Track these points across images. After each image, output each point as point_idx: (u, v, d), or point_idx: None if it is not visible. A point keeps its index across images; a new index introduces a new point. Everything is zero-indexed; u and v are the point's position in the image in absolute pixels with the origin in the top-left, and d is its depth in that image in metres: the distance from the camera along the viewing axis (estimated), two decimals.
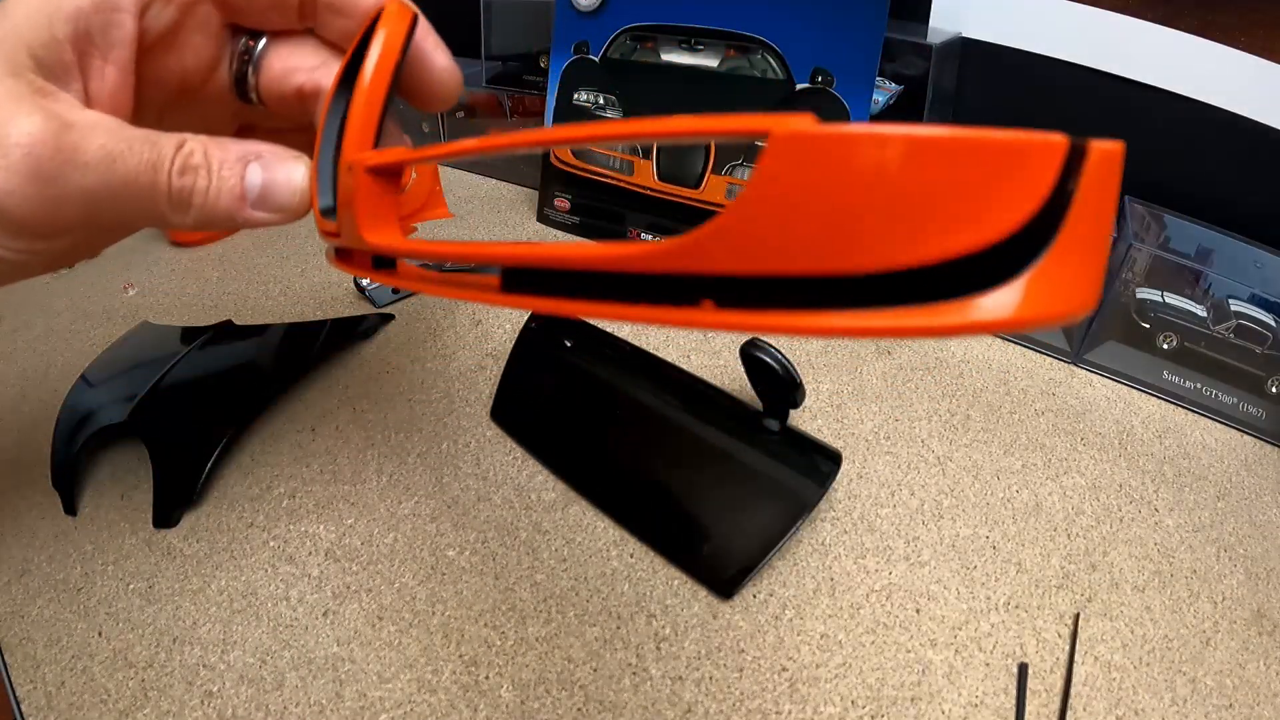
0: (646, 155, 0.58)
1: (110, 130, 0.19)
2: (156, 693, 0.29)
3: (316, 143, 0.22)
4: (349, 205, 0.20)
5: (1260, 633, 0.32)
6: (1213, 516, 0.38)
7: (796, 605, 0.33)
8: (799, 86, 0.51)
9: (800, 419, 0.43)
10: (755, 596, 0.33)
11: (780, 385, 0.36)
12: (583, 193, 0.62)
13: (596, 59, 0.58)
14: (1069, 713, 0.29)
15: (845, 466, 0.38)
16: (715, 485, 0.36)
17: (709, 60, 0.54)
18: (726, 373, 0.46)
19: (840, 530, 0.36)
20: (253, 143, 0.21)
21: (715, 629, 0.32)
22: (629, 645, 0.31)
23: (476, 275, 0.17)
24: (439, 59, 0.23)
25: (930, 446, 0.41)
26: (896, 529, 0.36)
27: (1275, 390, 0.43)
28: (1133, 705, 0.29)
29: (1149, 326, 0.45)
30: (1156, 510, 0.38)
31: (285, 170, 0.21)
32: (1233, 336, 0.43)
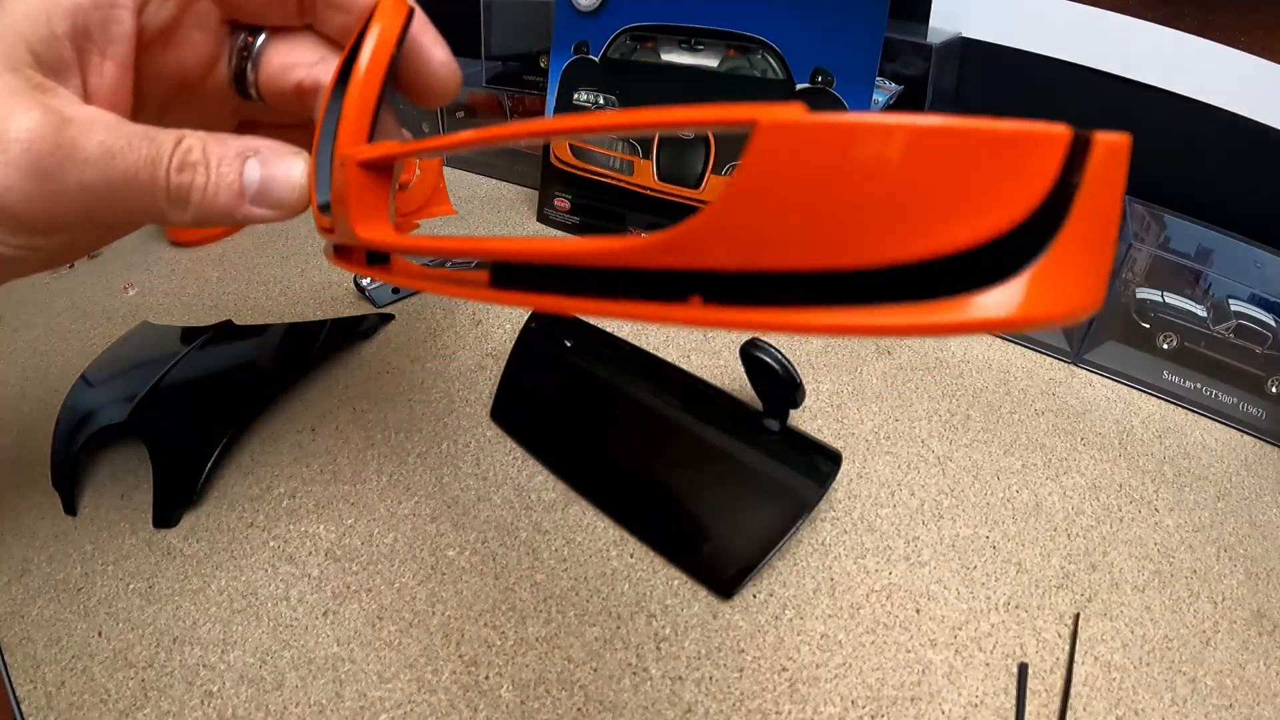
0: (646, 155, 0.58)
1: (109, 126, 0.19)
2: (156, 693, 0.29)
3: (315, 138, 0.22)
4: (342, 200, 0.20)
5: (1260, 633, 0.32)
6: (1213, 516, 0.38)
7: (796, 605, 0.33)
8: (799, 86, 0.51)
9: (800, 419, 0.43)
10: (755, 596, 0.33)
11: (780, 385, 0.36)
12: (583, 193, 0.62)
13: (596, 59, 0.58)
14: (1069, 713, 0.29)
15: (845, 466, 0.38)
16: (715, 485, 0.36)
17: (709, 60, 0.54)
18: (726, 373, 0.46)
19: (840, 530, 0.36)
20: (251, 139, 0.21)
21: (715, 629, 0.32)
22: (629, 645, 0.31)
23: (467, 271, 0.17)
24: (437, 54, 0.23)
25: (930, 446, 0.41)
26: (896, 529, 0.36)
27: (1275, 390, 0.43)
28: (1133, 705, 0.29)
29: (1149, 326, 0.45)
30: (1156, 510, 0.38)
31: (284, 166, 0.21)
32: (1233, 336, 0.43)
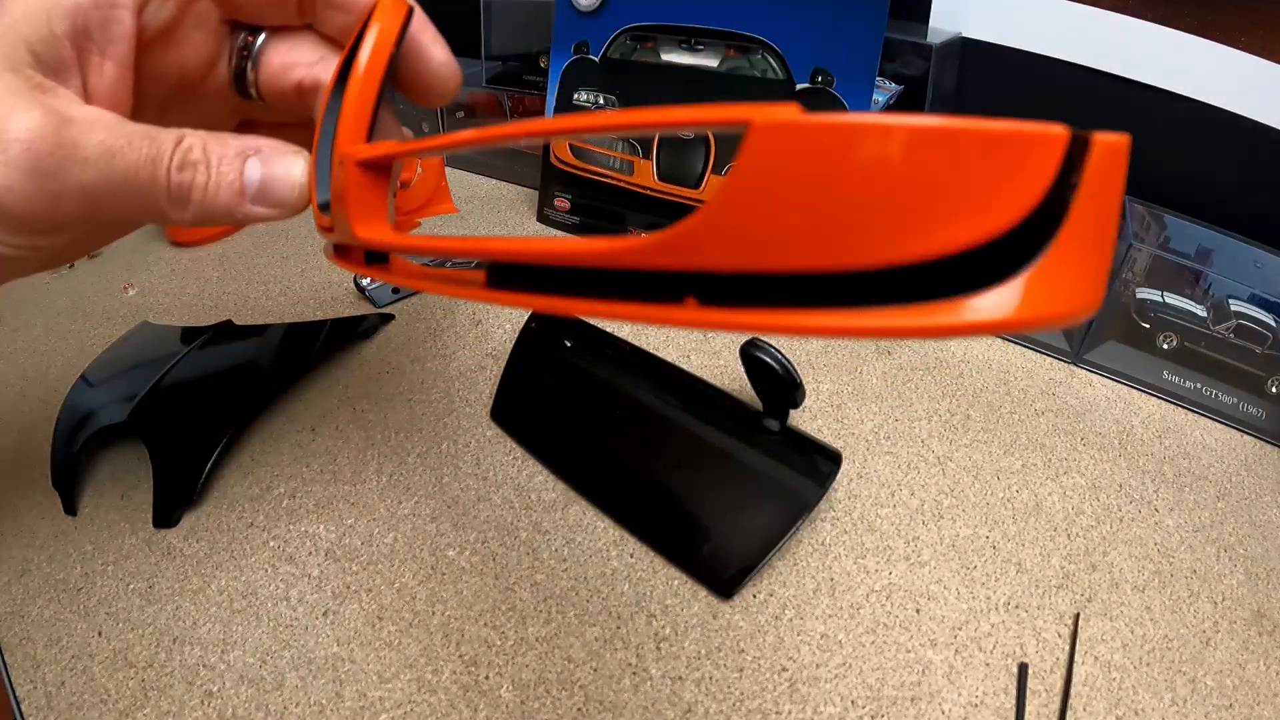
0: (646, 155, 0.58)
1: (109, 126, 0.19)
2: (156, 693, 0.29)
3: (315, 138, 0.22)
4: (341, 200, 0.20)
5: (1260, 633, 0.32)
6: (1213, 516, 0.38)
7: (796, 605, 0.33)
8: (799, 86, 0.51)
9: (800, 419, 0.43)
10: (755, 596, 0.33)
11: (780, 385, 0.36)
12: (583, 193, 0.62)
13: (596, 59, 0.58)
14: (1069, 713, 0.29)
15: (845, 466, 0.38)
16: (715, 485, 0.36)
17: (709, 60, 0.54)
18: (726, 373, 0.46)
19: (840, 530, 0.36)
20: (251, 138, 0.21)
21: (715, 629, 0.32)
22: (629, 645, 0.31)
23: (465, 271, 0.17)
24: (436, 53, 0.23)
25: (930, 446, 0.41)
26: (896, 529, 0.36)
27: (1275, 390, 0.43)
28: (1133, 705, 0.29)
29: (1149, 326, 0.45)
30: (1156, 510, 0.38)
31: (284, 165, 0.21)
32: (1233, 336, 0.43)
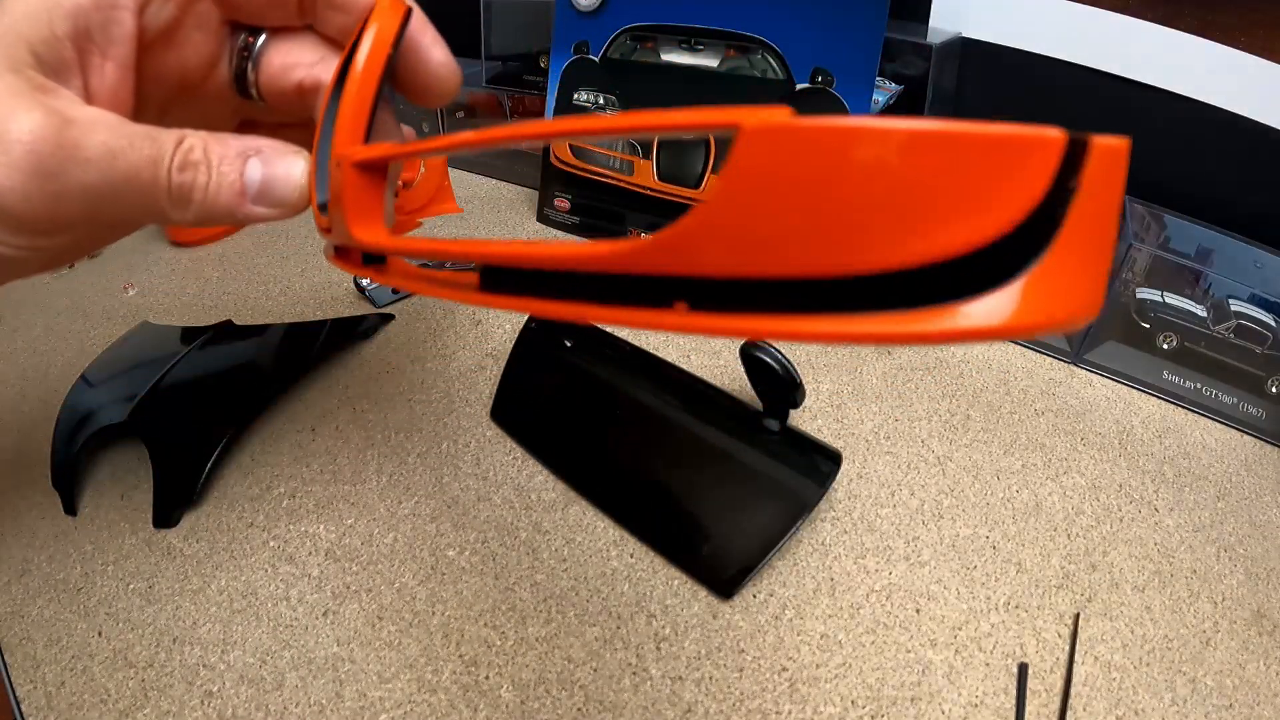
0: (646, 155, 0.58)
1: (111, 126, 0.19)
2: (156, 693, 0.29)
3: (315, 138, 0.22)
4: (338, 201, 0.20)
5: (1260, 633, 0.32)
6: (1213, 516, 0.38)
7: (796, 605, 0.33)
8: (799, 86, 0.51)
9: (800, 419, 0.43)
10: (755, 596, 0.33)
11: (780, 385, 0.36)
12: (583, 193, 0.62)
13: (596, 59, 0.58)
14: (1069, 713, 0.29)
15: (845, 466, 0.38)
16: (715, 485, 0.36)
17: (709, 60, 0.54)
18: (726, 373, 0.46)
19: (840, 530, 0.36)
20: (252, 138, 0.21)
21: (715, 629, 0.32)
22: (629, 645, 0.31)
23: (460, 274, 0.17)
24: (436, 53, 0.23)
25: (930, 446, 0.41)
26: (896, 529, 0.36)
27: (1275, 390, 0.43)
28: (1133, 705, 0.29)
29: (1149, 326, 0.45)
30: (1156, 510, 0.38)
31: (284, 165, 0.21)
32: (1233, 336, 0.43)
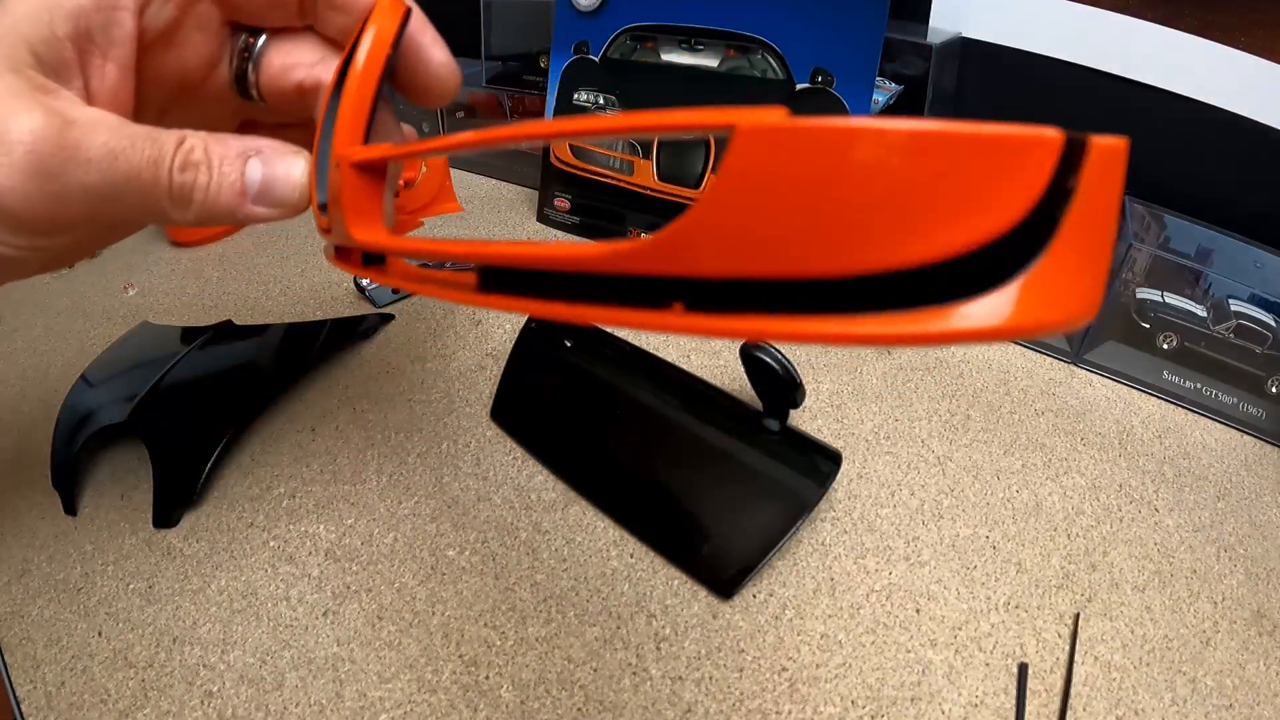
0: (646, 155, 0.58)
1: (112, 127, 0.19)
2: (156, 693, 0.29)
3: (315, 138, 0.22)
4: (337, 201, 0.20)
5: (1260, 633, 0.32)
6: (1213, 516, 0.38)
7: (796, 605, 0.33)
8: (799, 86, 0.51)
9: (800, 419, 0.43)
10: (755, 596, 0.33)
11: (780, 385, 0.36)
12: (583, 193, 0.62)
13: (596, 59, 0.58)
14: (1069, 713, 0.29)
15: (845, 466, 0.38)
16: (715, 485, 0.36)
17: (709, 60, 0.54)
18: (726, 373, 0.46)
19: (840, 530, 0.36)
20: (253, 138, 0.21)
21: (715, 629, 0.32)
22: (629, 645, 0.31)
23: (458, 274, 0.17)
24: (436, 54, 0.23)
25: (930, 446, 0.41)
26: (896, 529, 0.36)
27: (1275, 390, 0.43)
28: (1133, 705, 0.29)
29: (1149, 326, 0.45)
30: (1156, 510, 0.38)
31: (285, 165, 0.21)
32: (1233, 336, 0.43)
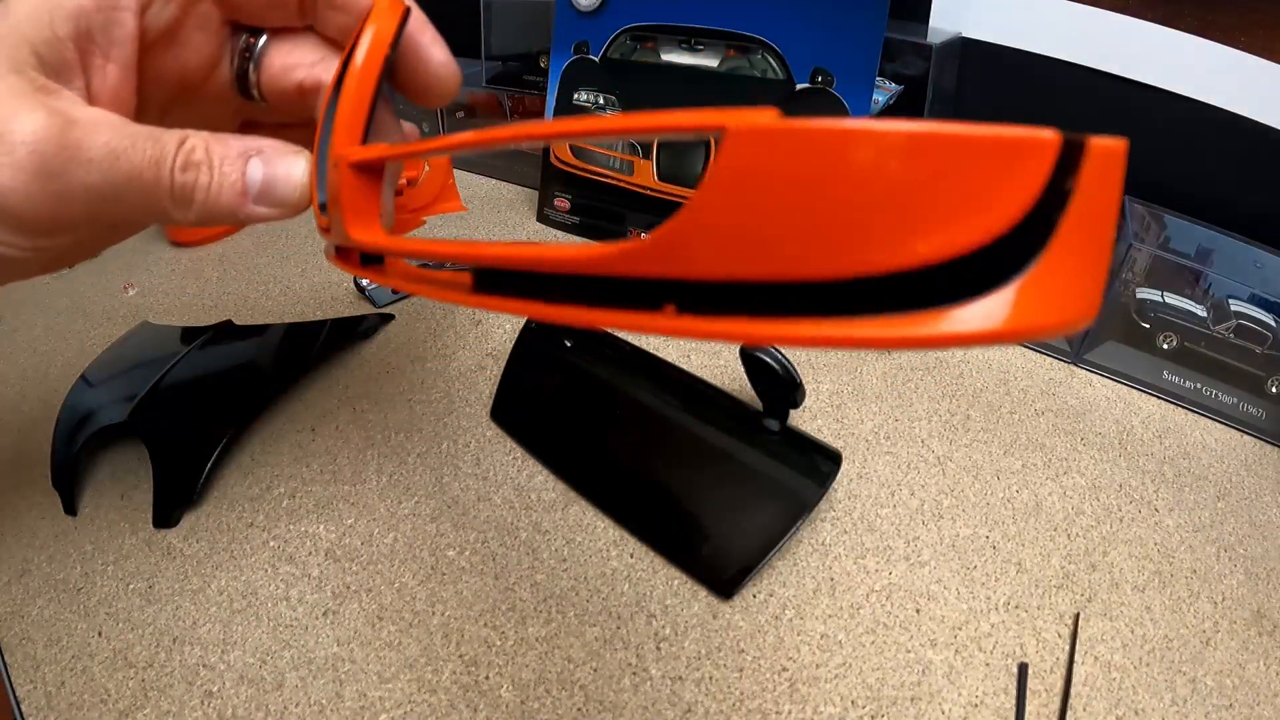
0: (646, 155, 0.58)
1: (113, 127, 0.19)
2: (156, 693, 0.29)
3: (316, 138, 0.22)
4: (335, 201, 0.20)
5: (1260, 633, 0.32)
6: (1213, 516, 0.38)
7: (796, 605, 0.33)
8: (799, 86, 0.51)
9: (800, 419, 0.43)
10: (755, 596, 0.33)
11: (780, 385, 0.36)
12: (583, 193, 0.62)
13: (596, 59, 0.58)
14: (1069, 713, 0.29)
15: (845, 466, 0.38)
16: (715, 485, 0.36)
17: (709, 60, 0.54)
18: (726, 373, 0.46)
19: (840, 530, 0.36)
20: (254, 138, 0.21)
21: (715, 629, 0.32)
22: (629, 645, 0.31)
23: (455, 274, 0.17)
24: (435, 54, 0.23)
25: (930, 446, 0.41)
26: (896, 529, 0.36)
27: (1275, 390, 0.43)
28: (1133, 705, 0.29)
29: (1149, 326, 0.45)
30: (1156, 510, 0.38)
31: (286, 165, 0.21)
32: (1233, 336, 0.43)
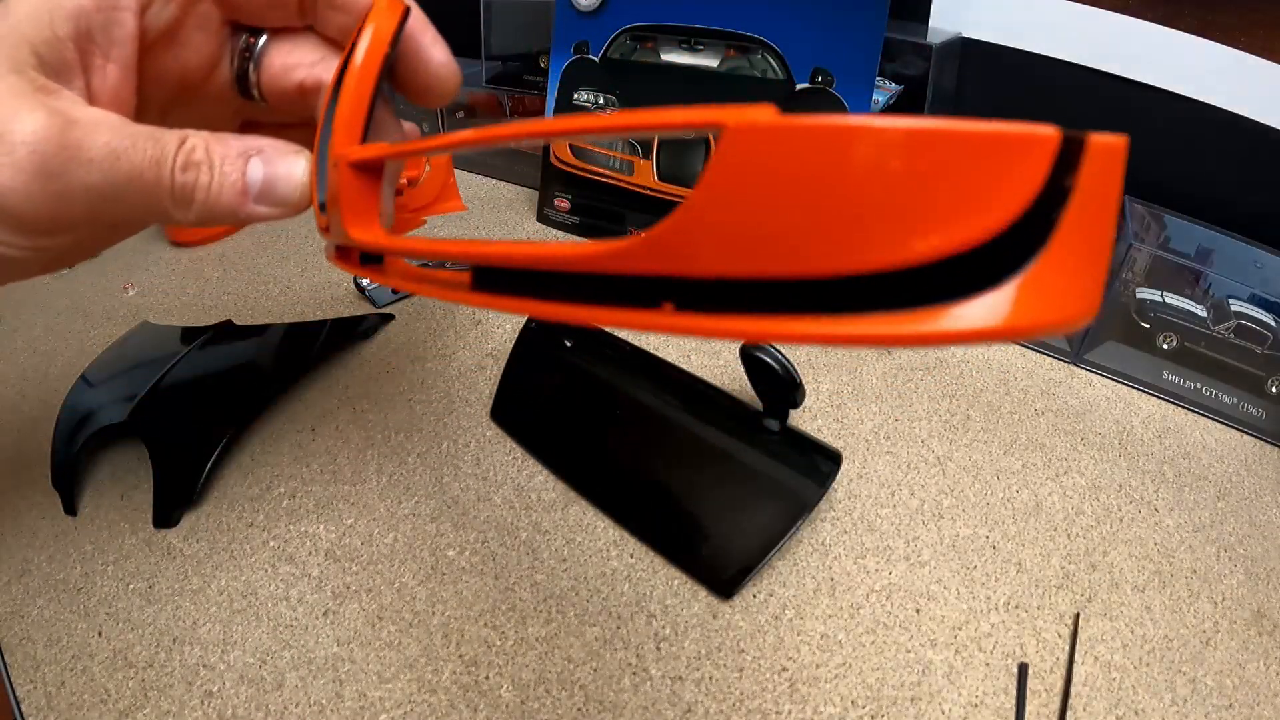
0: (646, 155, 0.58)
1: (114, 127, 0.19)
2: (156, 693, 0.29)
3: (316, 138, 0.22)
4: (335, 200, 0.20)
5: (1260, 633, 0.32)
6: (1213, 516, 0.38)
7: (796, 605, 0.33)
8: (799, 86, 0.51)
9: (800, 419, 0.43)
10: (755, 596, 0.33)
11: (780, 385, 0.36)
12: (583, 193, 0.62)
13: (596, 59, 0.58)
14: (1069, 713, 0.29)
15: (845, 466, 0.38)
16: (715, 485, 0.36)
17: (709, 60, 0.54)
18: (726, 373, 0.46)
19: (840, 530, 0.36)
20: (254, 138, 0.21)
21: (715, 629, 0.32)
22: (629, 645, 0.31)
23: (454, 273, 0.17)
24: (435, 53, 0.23)
25: (930, 446, 0.41)
26: (896, 529, 0.36)
27: (1275, 390, 0.43)
28: (1133, 705, 0.29)
29: (1149, 326, 0.45)
30: (1156, 510, 0.38)
31: (286, 165, 0.21)
32: (1233, 336, 0.43)
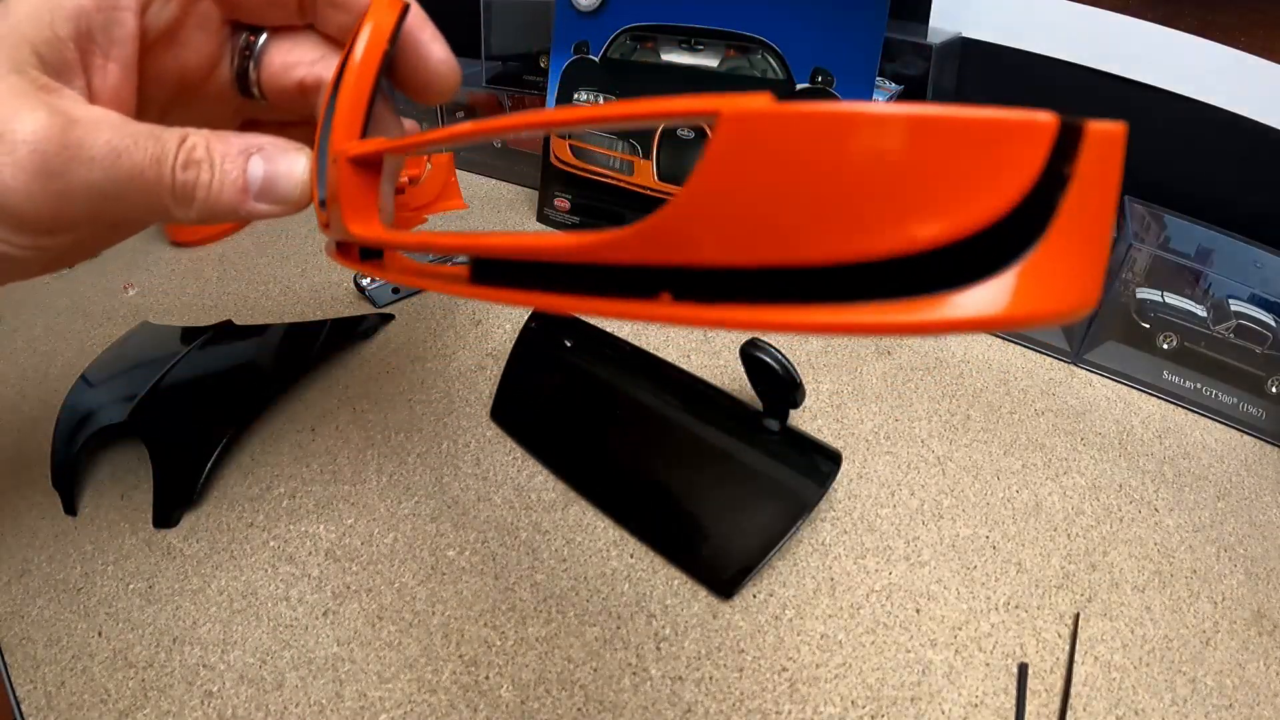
0: (646, 155, 0.58)
1: (114, 126, 0.20)
2: (156, 693, 0.29)
3: (316, 136, 0.22)
4: (335, 196, 0.20)
5: (1260, 633, 0.32)
6: (1213, 516, 0.38)
7: (796, 605, 0.33)
8: (799, 86, 0.51)
9: (800, 419, 0.43)
10: (755, 596, 0.33)
11: (780, 385, 0.36)
12: (583, 193, 0.62)
13: (596, 59, 0.58)
14: (1069, 713, 0.29)
15: (845, 466, 0.38)
16: (715, 485, 0.36)
17: (709, 60, 0.54)
18: (726, 373, 0.46)
19: (840, 530, 0.36)
20: (254, 136, 0.21)
21: (715, 629, 0.32)
22: (629, 645, 0.31)
23: (452, 267, 0.17)
24: (435, 51, 0.23)
25: (930, 446, 0.41)
26: (896, 529, 0.36)
27: (1275, 390, 0.43)
28: (1133, 705, 0.29)
29: (1149, 326, 0.45)
30: (1156, 510, 0.38)
31: (286, 162, 0.21)
32: (1233, 336, 0.43)
